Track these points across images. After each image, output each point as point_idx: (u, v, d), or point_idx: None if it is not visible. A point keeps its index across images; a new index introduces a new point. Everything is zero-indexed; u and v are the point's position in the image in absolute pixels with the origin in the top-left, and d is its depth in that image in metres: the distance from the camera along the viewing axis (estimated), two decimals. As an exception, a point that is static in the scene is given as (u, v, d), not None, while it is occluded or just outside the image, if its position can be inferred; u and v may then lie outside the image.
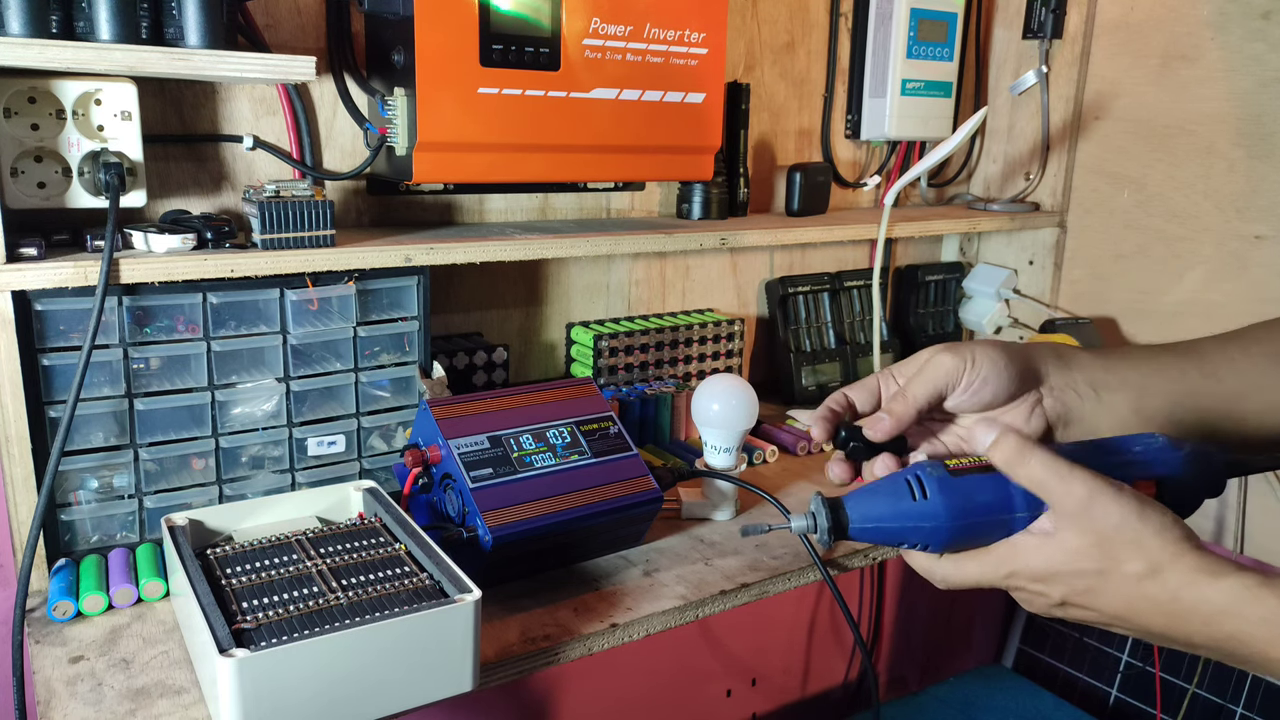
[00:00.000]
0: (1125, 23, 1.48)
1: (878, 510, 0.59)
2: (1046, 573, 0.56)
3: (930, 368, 0.65)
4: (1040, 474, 0.55)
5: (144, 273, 0.86)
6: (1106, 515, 0.53)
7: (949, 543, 0.58)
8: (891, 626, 1.91)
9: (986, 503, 0.58)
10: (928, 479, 0.58)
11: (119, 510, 0.92)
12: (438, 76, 0.98)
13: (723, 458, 1.06)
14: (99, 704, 0.72)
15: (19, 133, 0.85)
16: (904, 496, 0.58)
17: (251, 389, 0.96)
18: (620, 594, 0.91)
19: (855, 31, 1.49)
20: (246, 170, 1.03)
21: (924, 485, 0.58)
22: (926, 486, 0.57)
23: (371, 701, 0.70)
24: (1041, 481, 0.56)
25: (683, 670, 1.60)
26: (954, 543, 0.58)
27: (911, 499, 0.58)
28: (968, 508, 0.57)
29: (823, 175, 1.41)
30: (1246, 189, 1.38)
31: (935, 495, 0.57)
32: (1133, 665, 1.69)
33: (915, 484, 0.58)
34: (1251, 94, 1.36)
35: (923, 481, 0.58)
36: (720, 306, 1.45)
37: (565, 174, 1.12)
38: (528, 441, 0.94)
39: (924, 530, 0.58)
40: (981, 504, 0.58)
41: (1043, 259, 1.62)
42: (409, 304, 1.04)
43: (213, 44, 0.85)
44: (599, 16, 1.07)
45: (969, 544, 0.59)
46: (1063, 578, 0.55)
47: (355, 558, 0.80)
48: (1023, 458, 0.56)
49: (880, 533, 0.59)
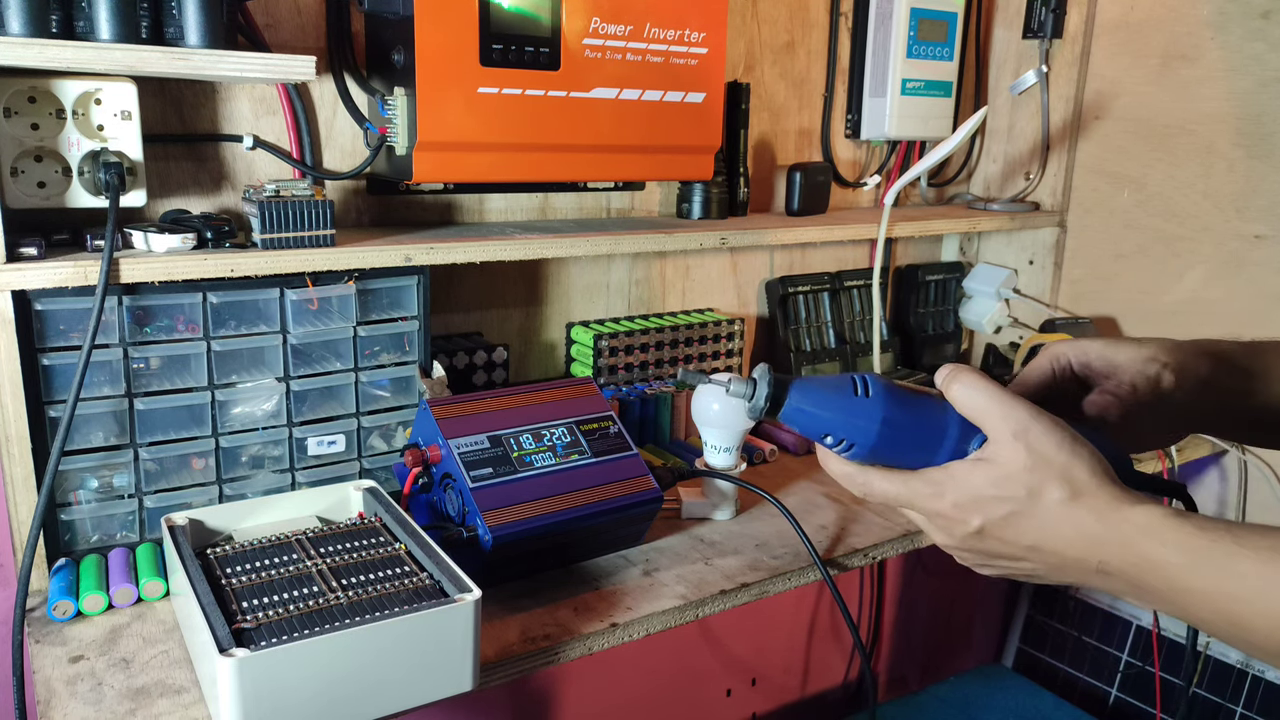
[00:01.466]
0: (1125, 22, 1.48)
1: (816, 396, 0.58)
2: (972, 497, 0.56)
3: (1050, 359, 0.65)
4: (982, 400, 0.56)
5: (144, 272, 0.86)
6: (1042, 441, 0.54)
7: (873, 447, 0.58)
8: (891, 626, 1.91)
9: (920, 420, 0.58)
10: (873, 382, 0.59)
11: (119, 510, 0.92)
12: (438, 76, 0.98)
13: (723, 457, 1.06)
14: (99, 703, 0.72)
15: (19, 132, 0.85)
16: (846, 391, 0.58)
17: (251, 389, 0.96)
18: (620, 594, 0.91)
19: (855, 31, 1.49)
20: (246, 170, 1.03)
21: (868, 386, 0.58)
22: (870, 388, 0.58)
23: (371, 701, 0.70)
24: (984, 407, 0.56)
25: (683, 670, 1.60)
26: (877, 450, 0.58)
27: (853, 394, 0.58)
28: (901, 419, 0.58)
29: (823, 175, 1.41)
30: (1246, 189, 1.38)
31: (876, 397, 0.58)
32: (1133, 665, 1.70)
33: (860, 383, 0.58)
34: (1251, 94, 1.36)
35: (868, 383, 0.58)
36: (720, 306, 1.45)
37: (565, 174, 1.12)
38: (528, 441, 0.94)
39: (853, 427, 0.58)
40: (915, 419, 0.58)
41: (1043, 259, 1.62)
42: (409, 304, 1.04)
43: (213, 44, 0.85)
44: (599, 16, 1.07)
45: (888, 458, 0.59)
46: (987, 503, 0.55)
47: (355, 557, 0.80)
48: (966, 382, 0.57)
49: (811, 419, 0.59)
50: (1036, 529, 0.55)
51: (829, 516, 1.10)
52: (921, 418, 0.59)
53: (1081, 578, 0.55)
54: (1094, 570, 0.54)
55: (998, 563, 0.58)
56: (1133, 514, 0.52)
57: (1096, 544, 0.53)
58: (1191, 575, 0.50)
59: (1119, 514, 0.52)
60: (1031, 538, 0.55)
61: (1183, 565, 0.50)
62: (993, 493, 0.55)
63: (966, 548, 0.58)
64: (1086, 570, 0.54)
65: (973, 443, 0.58)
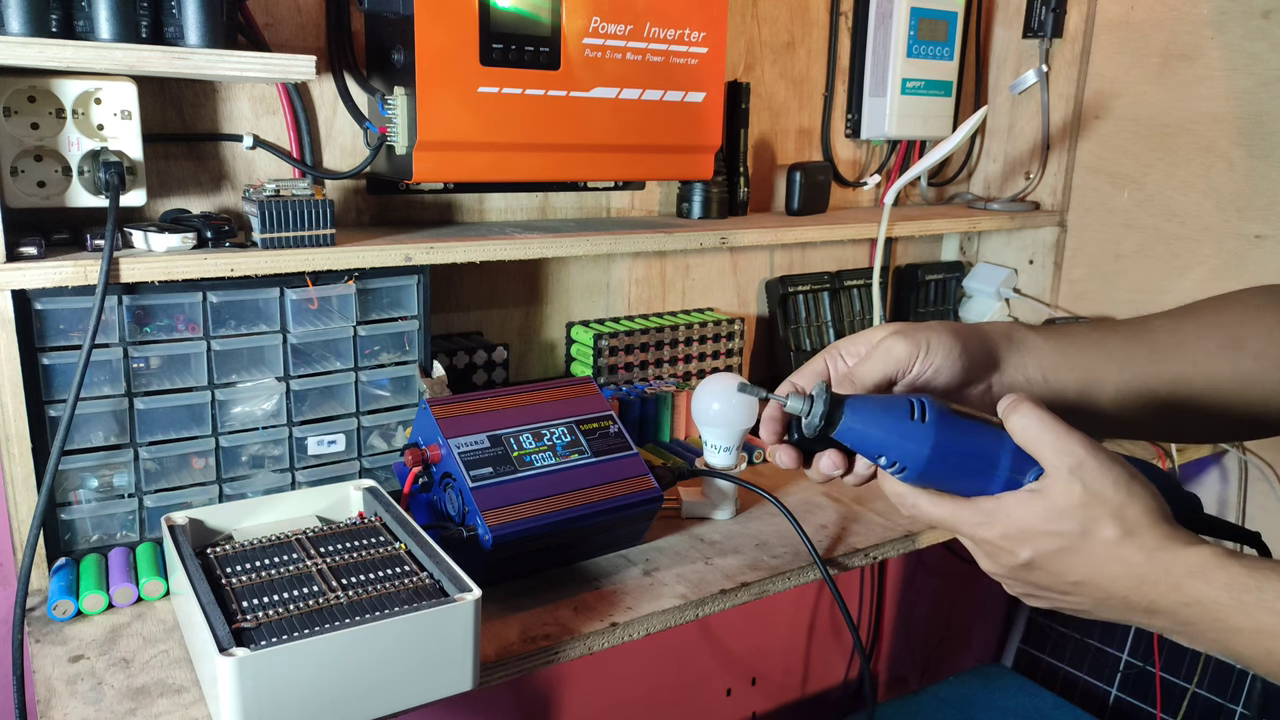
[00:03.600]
0: (1125, 22, 1.48)
1: (870, 415, 0.59)
2: (1022, 529, 0.56)
3: (880, 352, 0.63)
4: (1038, 432, 0.56)
5: (144, 272, 0.86)
6: (1097, 478, 0.54)
7: (924, 472, 0.58)
8: (891, 626, 1.91)
9: (975, 449, 0.58)
10: (930, 406, 0.58)
11: (119, 509, 0.92)
12: (438, 75, 0.98)
13: (723, 457, 1.06)
14: (99, 703, 0.72)
15: (19, 132, 0.85)
16: (903, 414, 0.58)
17: (251, 388, 0.96)
18: (620, 593, 0.91)
19: (855, 30, 1.49)
20: (246, 169, 1.03)
21: (925, 410, 0.58)
22: (928, 412, 0.58)
23: (371, 700, 0.70)
24: (1040, 439, 0.56)
25: (683, 669, 1.60)
26: (926, 474, 0.58)
27: (909, 418, 0.58)
28: (954, 446, 0.58)
29: (823, 174, 1.41)
30: (1246, 188, 1.38)
31: (932, 421, 0.58)
32: (1133, 665, 1.70)
33: (918, 406, 0.58)
34: (1252, 93, 1.36)
35: (925, 407, 0.58)
36: (720, 306, 1.45)
37: (565, 173, 1.12)
38: (528, 441, 0.94)
39: (906, 450, 0.58)
40: (970, 448, 0.58)
41: (1043, 258, 1.62)
42: (409, 303, 1.04)
43: (212, 43, 0.85)
44: (599, 15, 1.06)
45: (940, 483, 0.59)
46: (1037, 536, 0.55)
47: (355, 557, 0.80)
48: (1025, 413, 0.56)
49: (865, 439, 0.59)
50: (1085, 565, 0.54)
51: (829, 516, 1.10)
52: (975, 446, 0.58)
53: (1128, 615, 0.55)
54: (1143, 610, 0.54)
55: (1045, 594, 0.58)
56: (1184, 555, 0.52)
57: (1145, 583, 0.53)
58: (1239, 615, 0.50)
59: (1169, 554, 0.52)
60: (1079, 574, 0.55)
61: (1230, 605, 0.50)
62: (1044, 527, 0.55)
63: (1014, 578, 0.58)
64: (1134, 609, 0.54)
65: (1029, 475, 0.57)
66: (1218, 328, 0.67)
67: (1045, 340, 0.67)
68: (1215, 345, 0.66)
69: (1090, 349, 0.67)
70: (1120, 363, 0.66)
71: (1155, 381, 0.66)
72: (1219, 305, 0.69)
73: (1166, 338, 0.67)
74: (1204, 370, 0.66)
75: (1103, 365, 0.66)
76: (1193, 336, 0.67)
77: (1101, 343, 0.67)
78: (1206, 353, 0.66)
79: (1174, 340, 0.67)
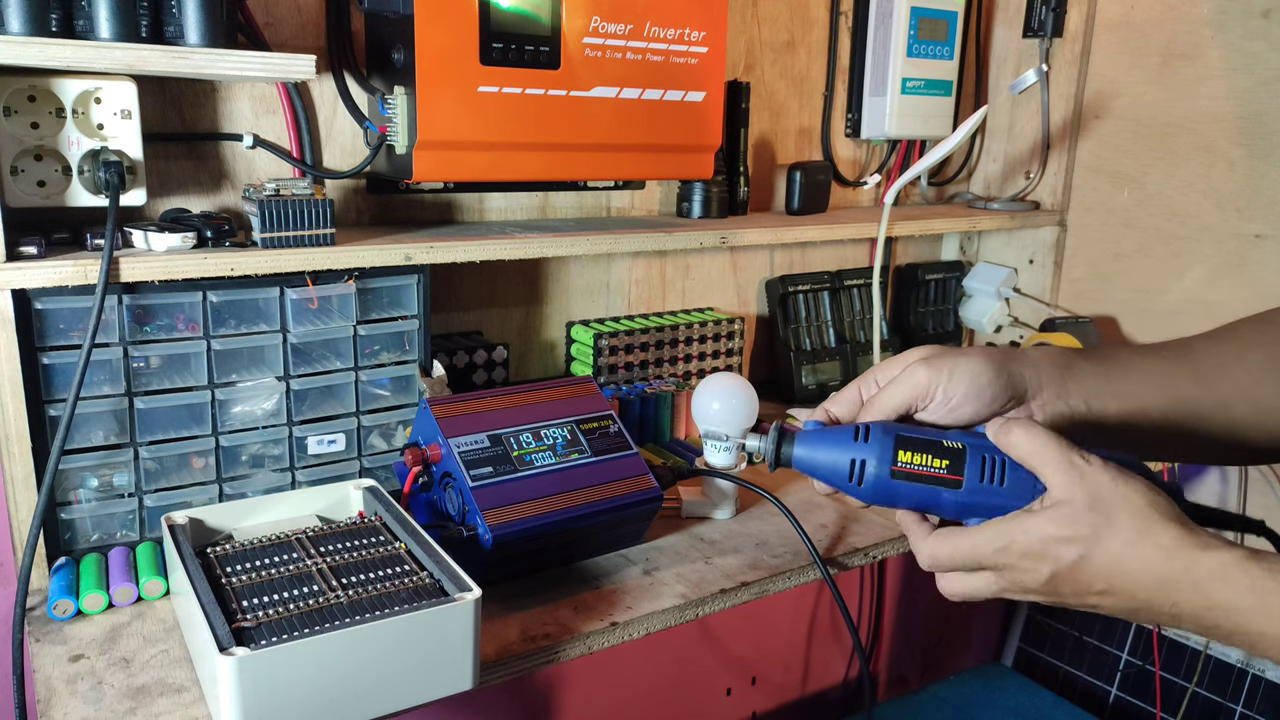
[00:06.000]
0: (1125, 21, 1.48)
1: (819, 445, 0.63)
2: (1039, 544, 0.56)
3: (903, 380, 0.64)
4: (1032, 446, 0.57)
5: (144, 271, 0.86)
6: (1099, 479, 0.55)
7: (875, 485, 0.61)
8: (891, 625, 1.91)
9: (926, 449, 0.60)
10: (874, 426, 0.62)
11: (119, 509, 0.92)
12: (438, 75, 0.98)
13: (723, 456, 1.06)
14: (99, 702, 0.72)
15: (19, 131, 0.85)
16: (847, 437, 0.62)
17: (251, 387, 0.96)
18: (620, 593, 0.91)
19: (855, 30, 1.49)
20: (246, 169, 1.03)
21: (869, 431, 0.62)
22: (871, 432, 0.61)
23: (371, 700, 0.70)
24: (1035, 453, 0.57)
25: (682, 669, 1.60)
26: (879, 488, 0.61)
27: (854, 439, 0.62)
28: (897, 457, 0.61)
29: (823, 174, 1.41)
30: (1246, 188, 1.38)
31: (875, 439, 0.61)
32: (1133, 664, 1.70)
33: (863, 429, 0.62)
34: (1252, 93, 1.36)
35: (869, 429, 0.62)
36: (720, 305, 1.45)
37: (565, 173, 1.12)
38: (528, 440, 0.94)
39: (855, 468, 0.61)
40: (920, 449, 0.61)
41: (1043, 258, 1.62)
42: (409, 303, 1.04)
43: (212, 42, 0.85)
44: (599, 15, 1.06)
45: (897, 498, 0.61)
46: (1055, 549, 0.55)
47: (355, 556, 0.80)
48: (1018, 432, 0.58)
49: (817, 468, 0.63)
50: (1106, 570, 0.55)
51: (829, 516, 1.10)
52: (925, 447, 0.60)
53: (1155, 619, 0.55)
54: (1168, 614, 0.54)
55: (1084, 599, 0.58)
56: (1203, 558, 0.52)
57: (1167, 586, 0.53)
58: (1263, 618, 0.50)
59: (1188, 556, 0.53)
60: (1103, 581, 0.55)
61: (1253, 608, 0.51)
62: (1061, 533, 0.55)
63: (1045, 593, 0.58)
64: (1160, 614, 0.54)
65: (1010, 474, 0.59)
66: (1258, 348, 0.67)
67: (1092, 366, 0.67)
68: (1256, 367, 0.66)
69: (1133, 374, 0.67)
70: (1163, 387, 0.66)
71: (1199, 406, 0.66)
72: (1259, 324, 0.69)
73: (1208, 360, 0.67)
74: (1246, 394, 0.66)
75: (1146, 390, 0.66)
76: (1233, 359, 0.67)
77: (1143, 367, 0.67)
78: (1249, 374, 0.66)
79: (1216, 364, 0.67)
